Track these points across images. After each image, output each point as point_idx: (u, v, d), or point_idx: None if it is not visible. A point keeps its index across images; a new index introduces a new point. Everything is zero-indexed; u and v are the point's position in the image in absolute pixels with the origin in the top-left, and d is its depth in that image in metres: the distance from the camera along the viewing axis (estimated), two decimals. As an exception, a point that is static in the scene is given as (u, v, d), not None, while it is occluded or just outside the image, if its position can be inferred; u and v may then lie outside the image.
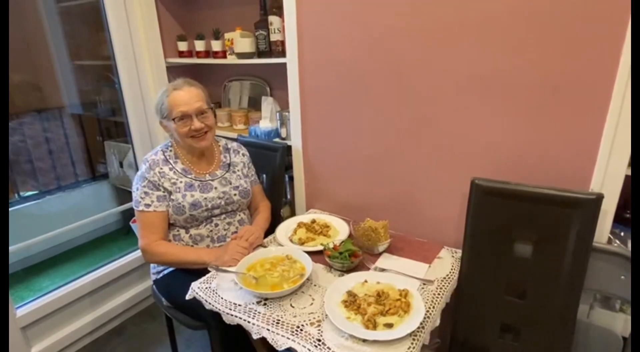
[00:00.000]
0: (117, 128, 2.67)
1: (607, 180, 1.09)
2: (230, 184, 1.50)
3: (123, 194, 2.62)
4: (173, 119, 1.36)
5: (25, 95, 2.42)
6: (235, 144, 1.63)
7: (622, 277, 1.09)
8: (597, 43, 1.03)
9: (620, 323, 1.18)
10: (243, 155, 1.62)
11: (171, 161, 1.45)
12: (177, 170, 1.44)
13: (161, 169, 1.41)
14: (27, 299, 1.78)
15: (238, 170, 1.56)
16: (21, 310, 1.72)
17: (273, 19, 1.67)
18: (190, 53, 2.12)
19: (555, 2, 1.06)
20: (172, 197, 1.40)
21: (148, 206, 1.38)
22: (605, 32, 1.02)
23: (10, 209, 2.26)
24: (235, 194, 1.49)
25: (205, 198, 1.42)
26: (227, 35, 1.88)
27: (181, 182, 1.42)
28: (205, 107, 1.40)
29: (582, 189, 1.10)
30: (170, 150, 1.47)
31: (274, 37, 1.70)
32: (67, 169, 2.73)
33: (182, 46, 2.10)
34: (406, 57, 1.34)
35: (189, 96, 1.37)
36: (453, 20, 1.22)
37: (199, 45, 2.04)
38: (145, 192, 1.39)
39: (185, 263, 1.40)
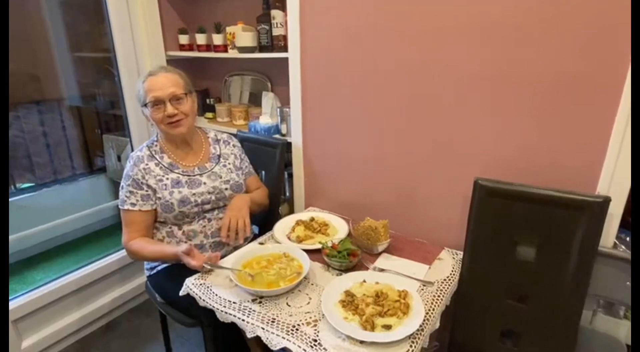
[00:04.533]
0: (115, 121, 2.65)
1: (615, 183, 1.07)
2: (221, 178, 1.47)
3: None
4: (146, 105, 1.34)
5: (23, 86, 2.39)
6: (225, 135, 1.59)
7: (627, 283, 1.07)
8: (607, 41, 1.01)
9: (624, 330, 1.15)
10: (234, 146, 1.58)
11: (157, 156, 1.42)
12: (164, 166, 1.41)
13: (146, 165, 1.39)
14: (19, 292, 1.76)
15: (229, 164, 1.52)
16: (13, 303, 1.69)
17: (276, 13, 1.65)
18: (191, 46, 2.10)
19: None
20: (158, 195, 1.37)
21: (133, 205, 1.37)
22: (615, 29, 0.99)
23: (5, 201, 2.24)
24: (226, 188, 1.46)
25: (194, 194, 1.39)
26: (228, 29, 1.85)
27: (167, 178, 1.39)
28: (180, 92, 1.35)
29: (588, 192, 1.07)
30: (156, 145, 1.44)
31: (276, 31, 1.68)
32: (64, 162, 2.70)
33: (183, 39, 2.07)
34: (409, 56, 1.32)
35: (163, 81, 1.33)
36: (456, 18, 1.19)
37: (200, 39, 2.01)
38: (130, 192, 1.37)
39: (162, 259, 1.41)
